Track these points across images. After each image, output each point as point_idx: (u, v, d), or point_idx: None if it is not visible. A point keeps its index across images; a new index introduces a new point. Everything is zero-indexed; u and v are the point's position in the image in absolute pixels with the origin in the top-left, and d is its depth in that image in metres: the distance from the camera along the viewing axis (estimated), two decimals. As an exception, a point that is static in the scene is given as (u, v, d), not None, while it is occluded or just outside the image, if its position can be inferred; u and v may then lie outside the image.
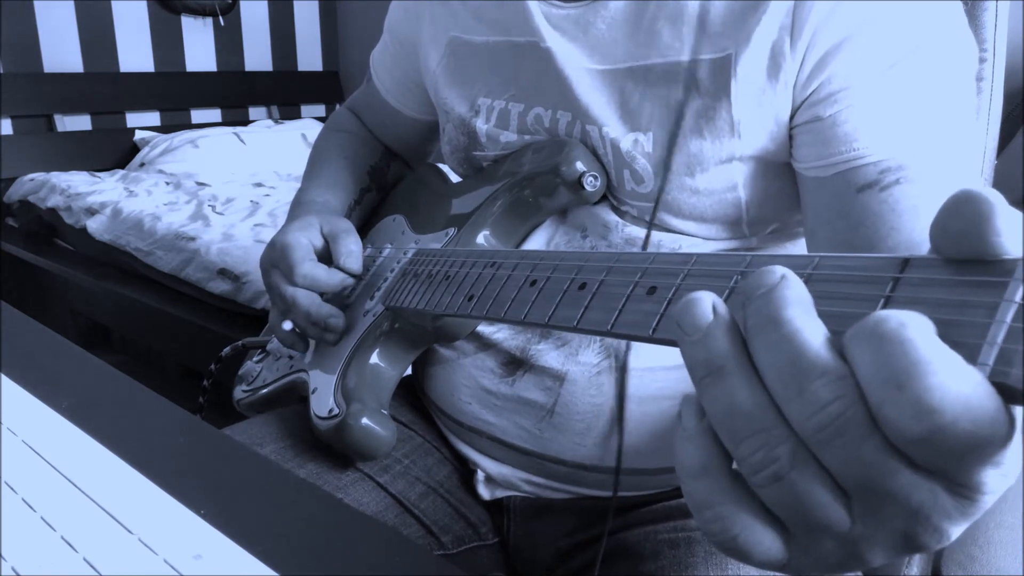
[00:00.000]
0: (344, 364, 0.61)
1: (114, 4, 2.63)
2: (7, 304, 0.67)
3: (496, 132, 0.64)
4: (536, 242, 0.62)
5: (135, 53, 2.71)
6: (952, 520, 0.22)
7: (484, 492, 0.65)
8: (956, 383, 0.19)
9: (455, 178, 0.73)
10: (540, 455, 0.60)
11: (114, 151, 2.64)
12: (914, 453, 0.20)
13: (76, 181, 2.22)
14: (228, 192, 2.14)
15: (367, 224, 0.78)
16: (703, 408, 0.24)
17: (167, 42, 2.79)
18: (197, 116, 2.91)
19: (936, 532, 0.22)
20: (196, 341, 1.66)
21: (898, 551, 0.23)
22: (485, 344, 0.62)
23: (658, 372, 0.57)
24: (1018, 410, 0.20)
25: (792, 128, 0.52)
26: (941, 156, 0.49)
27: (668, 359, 0.57)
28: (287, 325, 0.65)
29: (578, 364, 0.57)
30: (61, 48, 2.52)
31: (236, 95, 2.99)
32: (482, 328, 0.62)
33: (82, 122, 2.62)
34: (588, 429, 0.57)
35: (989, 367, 0.20)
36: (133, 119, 2.74)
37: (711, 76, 0.52)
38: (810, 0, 0.49)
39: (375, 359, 0.61)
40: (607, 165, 0.57)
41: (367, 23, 3.14)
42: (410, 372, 0.68)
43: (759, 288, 0.23)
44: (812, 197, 0.53)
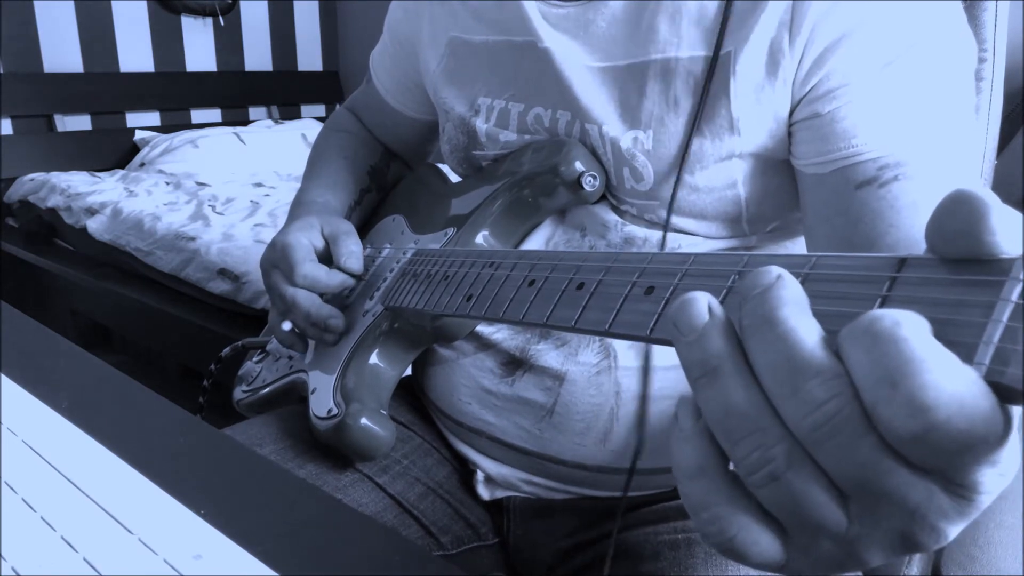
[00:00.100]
0: (343, 364, 0.61)
1: (114, 4, 2.63)
2: (7, 304, 0.67)
3: (496, 131, 0.64)
4: (535, 242, 0.62)
5: (135, 53, 2.71)
6: (950, 520, 0.22)
7: (484, 492, 0.65)
8: (950, 381, 0.19)
9: (454, 178, 0.73)
10: (540, 455, 0.60)
11: (114, 151, 2.64)
12: (909, 452, 0.20)
13: (76, 181, 2.22)
14: (228, 192, 2.14)
15: (367, 224, 0.78)
16: (699, 409, 0.24)
17: (167, 42, 2.79)
18: (197, 116, 2.91)
19: (934, 532, 0.22)
20: (196, 341, 1.66)
21: (896, 551, 0.23)
22: (485, 344, 0.62)
23: (657, 372, 0.57)
24: (1016, 409, 0.20)
25: (791, 125, 0.52)
26: (940, 153, 0.49)
27: (667, 359, 0.57)
28: (286, 325, 0.65)
29: (578, 364, 0.57)
30: (61, 48, 2.52)
31: (236, 95, 2.99)
32: (481, 328, 0.62)
33: (82, 122, 2.62)
34: (588, 429, 0.57)
35: (985, 366, 0.20)
36: (133, 119, 2.74)
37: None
38: None
39: (374, 359, 0.61)
40: (606, 164, 0.58)
41: (367, 23, 3.14)
42: (409, 372, 0.68)
43: (755, 288, 0.23)
44: (811, 194, 0.53)
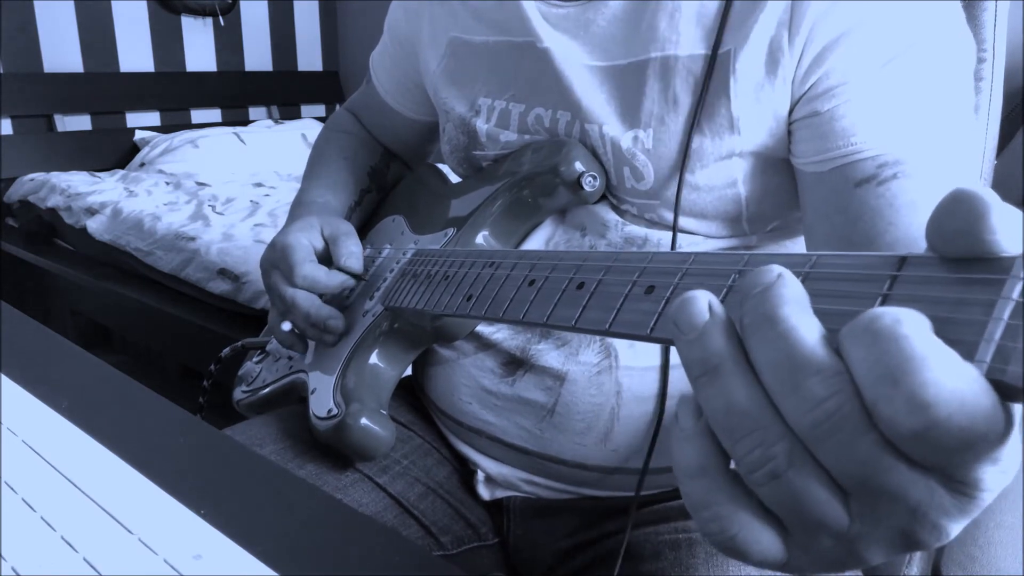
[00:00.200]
0: (343, 364, 0.61)
1: (114, 4, 2.63)
2: (7, 304, 0.67)
3: (496, 132, 0.64)
4: (535, 242, 0.62)
5: (135, 53, 2.71)
6: (951, 517, 0.22)
7: (484, 492, 0.65)
8: (951, 379, 0.19)
9: (454, 178, 0.73)
10: (540, 455, 0.60)
11: (114, 151, 2.64)
12: (910, 449, 0.20)
13: (76, 181, 2.22)
14: (228, 192, 2.14)
15: (367, 225, 0.78)
16: (700, 408, 0.24)
17: (167, 42, 2.79)
18: (197, 116, 2.91)
19: (935, 529, 0.22)
20: (196, 341, 1.66)
21: (897, 549, 0.23)
22: (485, 344, 0.62)
23: (658, 372, 0.57)
24: (1017, 407, 0.20)
25: (791, 123, 0.52)
26: (939, 151, 0.49)
27: (671, 358, 0.57)
28: (286, 326, 0.65)
29: (578, 364, 0.57)
30: (61, 48, 2.52)
31: (236, 95, 2.99)
32: (482, 328, 0.62)
33: (82, 122, 2.62)
34: (588, 429, 0.57)
35: (986, 364, 0.20)
36: (133, 119, 2.74)
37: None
38: None
39: (374, 359, 0.61)
40: (606, 164, 0.58)
41: (367, 23, 3.14)
42: (410, 372, 0.68)
43: (755, 287, 0.23)
44: (810, 192, 0.53)
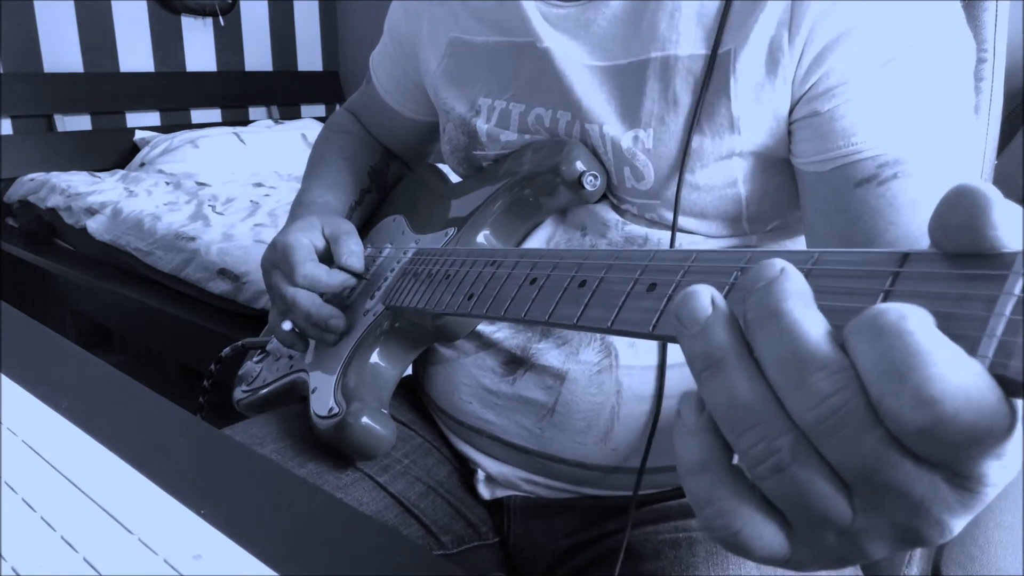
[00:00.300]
0: (344, 364, 0.61)
1: (114, 4, 2.63)
2: (7, 304, 0.67)
3: (496, 132, 0.64)
4: (536, 241, 0.62)
5: (135, 53, 2.71)
6: (954, 513, 0.22)
7: (484, 492, 0.65)
8: (957, 374, 0.19)
9: (455, 178, 0.73)
10: (541, 454, 0.60)
11: (114, 151, 2.64)
12: (915, 445, 0.20)
13: (76, 181, 2.22)
14: (228, 192, 2.14)
15: (367, 224, 0.78)
16: (702, 403, 0.24)
17: (167, 42, 2.79)
18: (197, 116, 2.91)
19: (938, 525, 0.22)
20: (196, 341, 1.66)
21: (900, 544, 0.23)
22: (486, 343, 0.62)
23: (658, 370, 0.57)
24: (1019, 402, 0.20)
25: (791, 123, 0.52)
26: (938, 151, 0.49)
27: (673, 358, 0.56)
28: (287, 325, 0.65)
29: (579, 363, 0.57)
30: (61, 48, 2.52)
31: (236, 95, 2.99)
32: (482, 327, 0.62)
33: (82, 122, 2.62)
34: (589, 428, 0.57)
35: (989, 359, 0.20)
36: (133, 119, 2.74)
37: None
38: None
39: (375, 358, 0.61)
40: (607, 163, 0.57)
41: (367, 23, 3.14)
42: (410, 372, 0.68)
43: (759, 281, 0.23)
44: (811, 192, 0.53)
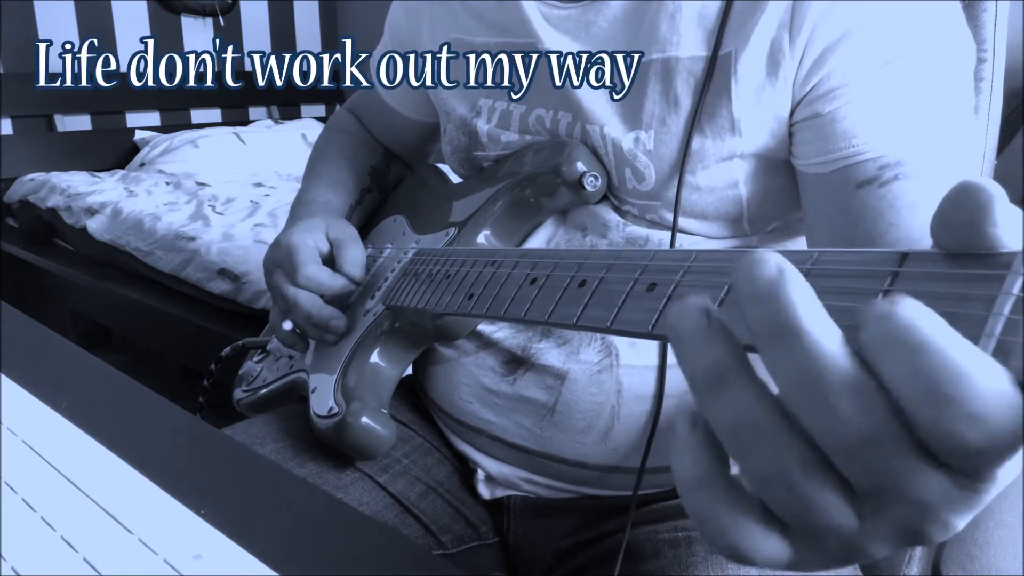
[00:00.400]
0: (344, 363, 0.61)
1: (114, 4, 2.63)
2: (7, 304, 0.67)
3: (497, 132, 0.64)
4: (536, 242, 0.62)
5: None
6: (959, 514, 0.21)
7: (484, 491, 0.65)
8: (995, 384, 0.18)
9: (455, 179, 0.73)
10: (541, 454, 0.60)
11: (114, 151, 2.64)
12: (950, 458, 0.20)
13: (76, 181, 2.22)
14: (228, 192, 2.13)
15: (368, 225, 0.78)
16: (696, 418, 0.23)
17: (167, 42, 2.78)
18: (197, 116, 2.91)
19: (944, 525, 0.21)
20: (196, 341, 1.66)
21: (902, 544, 0.22)
22: (486, 343, 0.62)
23: (658, 370, 0.57)
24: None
25: (792, 125, 0.52)
26: (939, 152, 0.49)
27: (669, 357, 0.57)
28: (288, 325, 0.65)
29: (579, 363, 0.57)
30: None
31: (236, 95, 2.99)
32: (483, 327, 0.62)
33: (82, 122, 2.61)
34: (589, 427, 0.57)
35: None
36: (133, 119, 2.73)
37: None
38: None
39: (375, 358, 0.61)
40: (608, 165, 0.58)
41: (367, 23, 3.13)
42: (410, 372, 0.68)
43: (756, 285, 0.21)
44: (812, 194, 0.53)
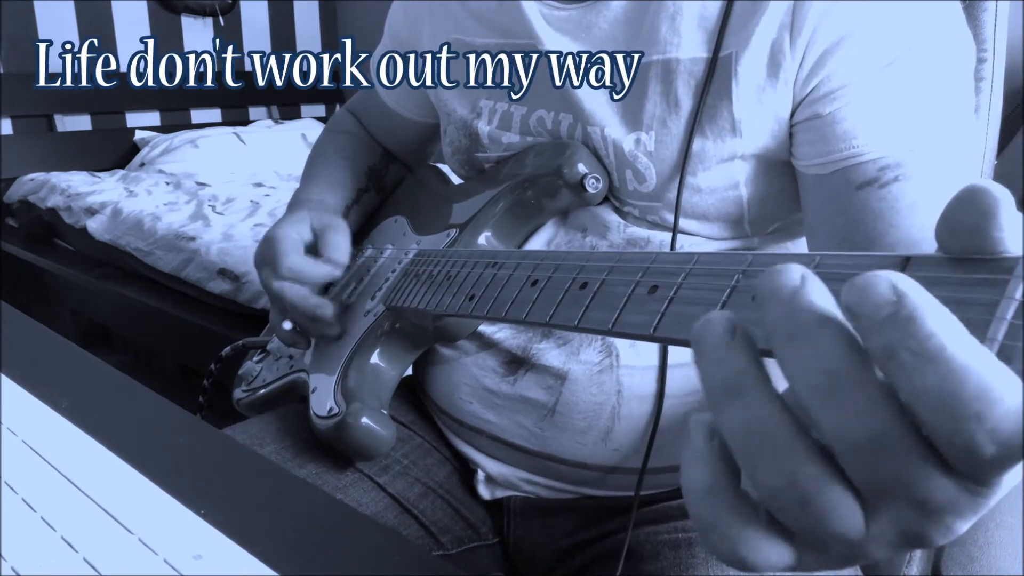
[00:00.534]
0: (344, 364, 0.61)
1: (114, 4, 2.63)
2: (7, 304, 0.67)
3: (498, 134, 0.64)
4: (536, 243, 0.62)
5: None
6: (963, 517, 0.21)
7: (484, 492, 0.65)
8: (1014, 396, 0.18)
9: (456, 180, 0.73)
10: (541, 454, 0.60)
11: (114, 151, 2.64)
12: (965, 468, 0.20)
13: (76, 181, 2.22)
14: (228, 192, 2.13)
15: (368, 225, 0.78)
16: (716, 430, 0.23)
17: (167, 42, 2.78)
18: (197, 116, 2.91)
19: (948, 529, 0.21)
20: (196, 341, 1.66)
21: (905, 547, 0.22)
22: (486, 343, 0.62)
23: (658, 371, 0.57)
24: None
25: (792, 126, 0.52)
26: (939, 153, 0.49)
27: (669, 358, 0.56)
28: (288, 324, 0.65)
29: (579, 363, 0.57)
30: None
31: (236, 95, 2.99)
32: (483, 327, 0.62)
33: (82, 122, 2.62)
34: (589, 428, 0.57)
35: None
36: (133, 119, 2.73)
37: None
38: None
39: (375, 359, 0.61)
40: (608, 166, 0.58)
41: (367, 23, 3.13)
42: (410, 372, 0.68)
43: (780, 292, 0.21)
44: (812, 195, 0.53)
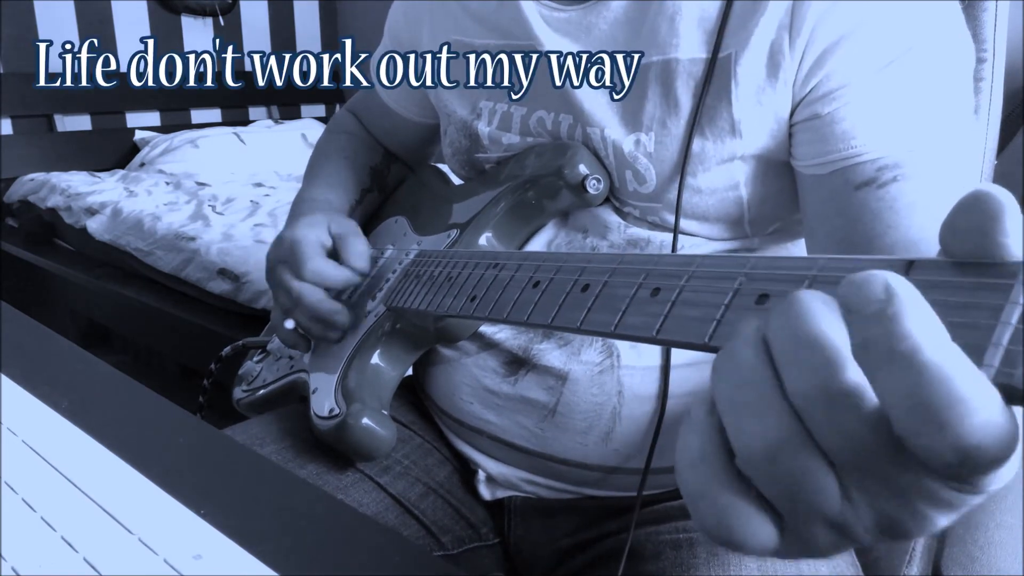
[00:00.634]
0: (345, 364, 0.61)
1: (114, 4, 2.63)
2: (7, 304, 0.67)
3: (498, 134, 0.64)
4: (537, 244, 0.62)
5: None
6: (942, 512, 0.22)
7: (485, 492, 0.65)
8: (991, 414, 0.19)
9: (457, 180, 0.73)
10: (541, 454, 0.60)
11: (114, 151, 2.64)
12: (934, 468, 0.20)
13: (76, 181, 2.22)
14: (228, 192, 2.13)
15: (369, 225, 0.78)
16: (713, 405, 0.24)
17: (167, 42, 2.78)
18: (197, 116, 2.91)
19: (927, 521, 0.22)
20: (196, 341, 1.66)
21: (885, 535, 0.23)
22: (487, 344, 0.62)
23: (659, 371, 0.57)
24: (1018, 409, 0.20)
25: (792, 126, 0.52)
26: (938, 154, 0.49)
27: (675, 358, 0.56)
28: (290, 324, 0.65)
29: (580, 363, 0.57)
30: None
31: (236, 95, 2.99)
32: (484, 328, 0.62)
33: (82, 122, 2.61)
34: (590, 428, 0.57)
35: (995, 368, 0.20)
36: (133, 119, 2.73)
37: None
38: None
39: (376, 359, 0.61)
40: (609, 167, 0.58)
41: (367, 23, 3.13)
42: (411, 372, 0.68)
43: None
44: (811, 195, 0.53)
